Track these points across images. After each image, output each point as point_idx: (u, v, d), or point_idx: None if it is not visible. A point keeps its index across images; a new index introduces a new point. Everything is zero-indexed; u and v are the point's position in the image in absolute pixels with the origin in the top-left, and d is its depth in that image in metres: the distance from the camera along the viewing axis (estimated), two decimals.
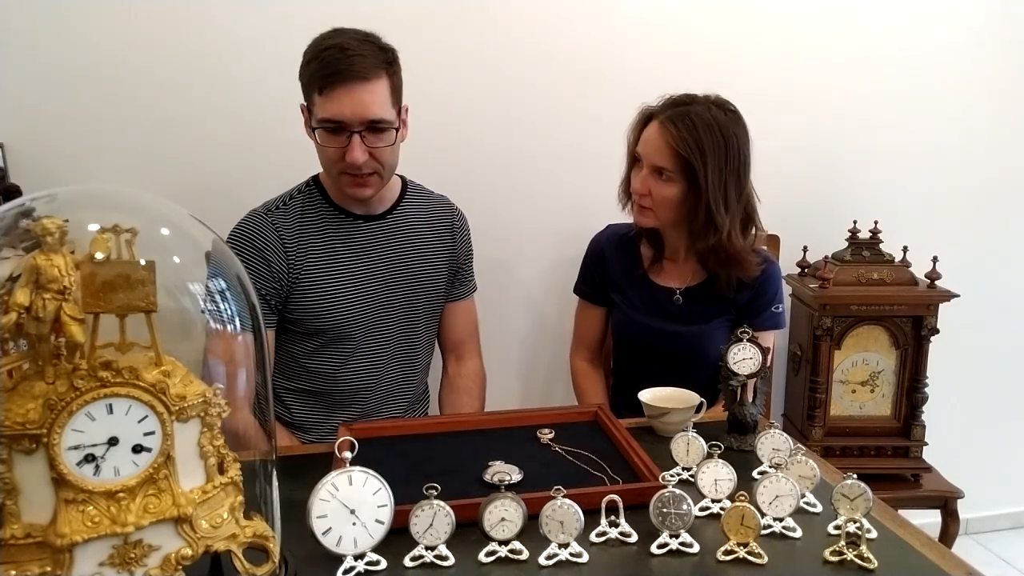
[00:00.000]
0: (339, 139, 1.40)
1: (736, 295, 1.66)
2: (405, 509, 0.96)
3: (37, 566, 0.71)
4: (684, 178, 1.55)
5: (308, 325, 1.52)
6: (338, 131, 1.40)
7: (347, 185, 1.46)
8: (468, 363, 1.74)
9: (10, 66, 1.73)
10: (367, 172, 1.44)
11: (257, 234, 1.49)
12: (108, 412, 0.72)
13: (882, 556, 0.96)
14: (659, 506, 1.00)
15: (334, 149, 1.41)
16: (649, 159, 1.58)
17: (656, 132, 1.56)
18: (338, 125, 1.39)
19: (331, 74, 1.36)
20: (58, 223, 0.72)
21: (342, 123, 1.38)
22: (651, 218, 1.62)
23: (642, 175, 1.60)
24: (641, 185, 1.60)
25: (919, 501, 2.02)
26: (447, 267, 1.66)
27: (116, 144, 1.81)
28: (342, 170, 1.44)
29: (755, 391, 1.34)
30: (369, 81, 1.37)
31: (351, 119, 1.38)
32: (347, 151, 1.40)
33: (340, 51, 1.36)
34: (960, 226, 2.31)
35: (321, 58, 1.37)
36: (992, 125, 2.28)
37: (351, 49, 1.36)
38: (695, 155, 1.52)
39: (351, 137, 1.39)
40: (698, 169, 1.52)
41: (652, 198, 1.59)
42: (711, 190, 1.53)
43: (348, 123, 1.38)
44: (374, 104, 1.38)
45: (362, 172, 1.43)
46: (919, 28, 2.19)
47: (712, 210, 1.54)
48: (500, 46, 1.97)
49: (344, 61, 1.36)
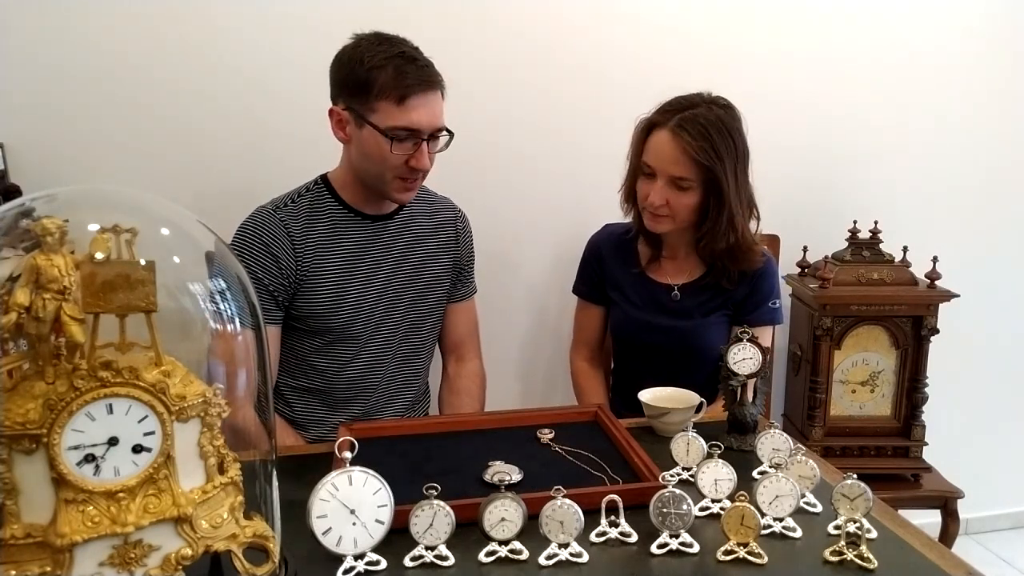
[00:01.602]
0: (406, 146, 1.42)
1: (734, 289, 1.66)
2: (405, 509, 0.96)
3: (37, 566, 0.71)
4: (703, 185, 1.54)
5: (314, 323, 1.53)
6: (407, 139, 1.42)
7: (398, 190, 1.48)
8: (468, 364, 1.74)
9: (10, 66, 1.72)
10: (419, 177, 1.48)
11: (265, 231, 1.49)
12: (108, 412, 0.72)
13: (882, 556, 0.96)
14: (659, 506, 1.00)
15: (399, 155, 1.42)
16: (666, 171, 1.55)
17: (669, 142, 1.53)
18: (412, 133, 1.41)
19: (411, 84, 1.38)
20: (58, 223, 0.72)
21: (418, 131, 1.41)
22: (668, 224, 1.61)
23: (658, 187, 1.56)
24: (658, 197, 1.56)
25: (919, 501, 2.02)
26: (451, 268, 1.67)
27: (116, 144, 1.81)
28: (400, 175, 1.45)
29: (755, 391, 1.34)
30: (436, 90, 1.43)
31: (427, 127, 1.41)
32: (415, 157, 1.42)
33: (410, 60, 1.39)
34: (960, 226, 2.31)
35: (393, 66, 1.38)
36: (992, 125, 2.28)
37: (420, 59, 1.41)
38: (715, 161, 1.51)
39: (418, 144, 1.42)
40: (719, 174, 1.52)
41: (670, 206, 1.57)
42: (731, 193, 1.53)
43: (423, 131, 1.41)
44: (442, 112, 1.45)
45: (417, 176, 1.47)
46: (919, 28, 2.19)
47: (734, 212, 1.55)
48: (501, 47, 1.97)
49: (420, 71, 1.39)
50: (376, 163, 1.44)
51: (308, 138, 1.66)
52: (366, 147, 1.44)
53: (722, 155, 1.51)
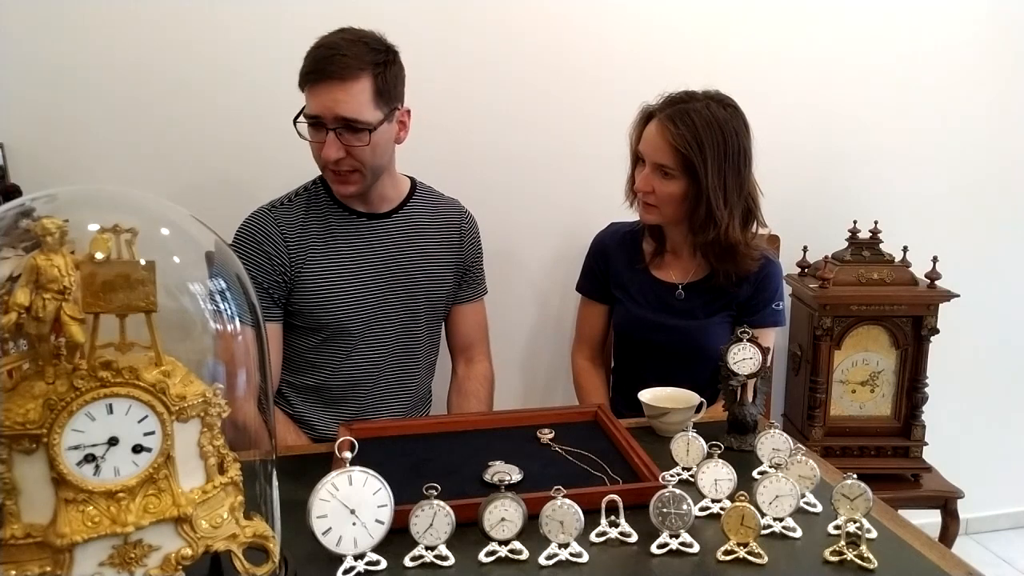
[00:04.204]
0: (318, 135, 1.45)
1: (737, 290, 1.67)
2: (405, 509, 0.96)
3: (37, 566, 0.71)
4: (685, 175, 1.57)
5: (310, 320, 1.55)
6: (318, 127, 1.44)
7: (330, 181, 1.52)
8: (477, 365, 1.75)
9: (10, 66, 1.72)
10: (346, 169, 1.47)
11: (259, 229, 1.53)
12: (108, 412, 0.72)
13: (882, 556, 0.96)
14: (659, 506, 1.00)
15: (314, 144, 1.46)
16: (651, 157, 1.60)
17: (656, 130, 1.58)
18: (316, 120, 1.44)
19: (312, 72, 1.42)
20: (58, 223, 0.72)
21: (319, 119, 1.43)
22: (656, 214, 1.65)
23: (645, 173, 1.61)
24: (644, 183, 1.61)
25: (919, 501, 2.02)
26: (453, 269, 1.67)
27: (116, 144, 1.81)
28: (323, 166, 1.49)
29: (755, 391, 1.34)
30: (346, 81, 1.40)
31: (326, 116, 1.42)
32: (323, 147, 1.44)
33: (326, 50, 1.42)
34: (960, 226, 2.31)
35: (309, 55, 1.43)
36: (992, 125, 2.28)
37: (337, 48, 1.41)
38: (694, 152, 1.53)
39: (327, 134, 1.43)
40: (698, 166, 1.54)
41: (656, 195, 1.61)
42: (711, 186, 1.55)
43: (324, 120, 1.42)
44: (349, 103, 1.41)
45: (340, 169, 1.47)
46: (919, 28, 2.19)
47: (712, 205, 1.56)
48: (503, 47, 1.97)
49: (325, 60, 1.40)
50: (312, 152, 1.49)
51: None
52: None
53: (704, 147, 1.53)
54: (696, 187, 1.57)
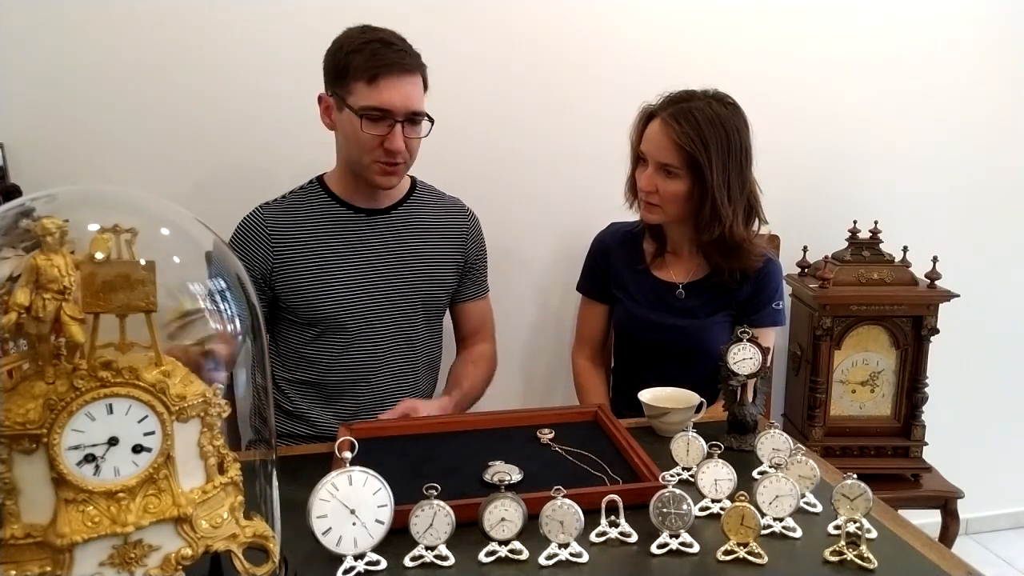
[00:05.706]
0: (380, 127, 1.45)
1: (738, 289, 1.67)
2: (405, 509, 0.96)
3: (37, 566, 0.71)
4: (689, 173, 1.57)
5: (303, 315, 1.56)
6: (381, 120, 1.44)
7: (378, 173, 1.50)
8: (481, 345, 1.77)
9: (10, 66, 1.72)
10: (399, 161, 1.49)
11: (247, 229, 1.56)
12: (108, 412, 0.72)
13: (882, 556, 0.96)
14: (659, 506, 1.00)
15: (373, 136, 1.45)
16: (654, 157, 1.59)
17: (659, 130, 1.58)
18: (384, 114, 1.44)
19: (383, 65, 1.42)
20: (58, 223, 0.72)
21: (389, 112, 1.43)
22: (659, 214, 1.64)
23: (648, 173, 1.61)
24: (647, 183, 1.61)
25: (919, 501, 2.02)
26: (453, 267, 1.68)
27: (116, 144, 1.81)
28: (376, 158, 1.48)
29: (755, 391, 1.34)
30: (413, 74, 1.46)
31: (399, 108, 1.43)
32: (388, 139, 1.45)
33: (387, 44, 1.44)
34: (960, 226, 2.31)
35: (368, 49, 1.43)
36: (992, 125, 2.28)
37: (396, 44, 1.45)
38: (699, 150, 1.53)
39: (393, 126, 1.44)
40: (703, 164, 1.54)
41: (659, 195, 1.61)
42: (716, 183, 1.55)
43: (395, 112, 1.44)
44: (417, 96, 1.47)
45: (396, 161, 1.48)
46: (919, 28, 2.19)
47: (717, 203, 1.56)
48: (503, 47, 1.97)
49: (394, 54, 1.43)
50: (354, 145, 1.48)
51: (309, 138, 1.66)
52: (345, 129, 1.48)
53: (708, 145, 1.54)
54: (701, 185, 1.57)
